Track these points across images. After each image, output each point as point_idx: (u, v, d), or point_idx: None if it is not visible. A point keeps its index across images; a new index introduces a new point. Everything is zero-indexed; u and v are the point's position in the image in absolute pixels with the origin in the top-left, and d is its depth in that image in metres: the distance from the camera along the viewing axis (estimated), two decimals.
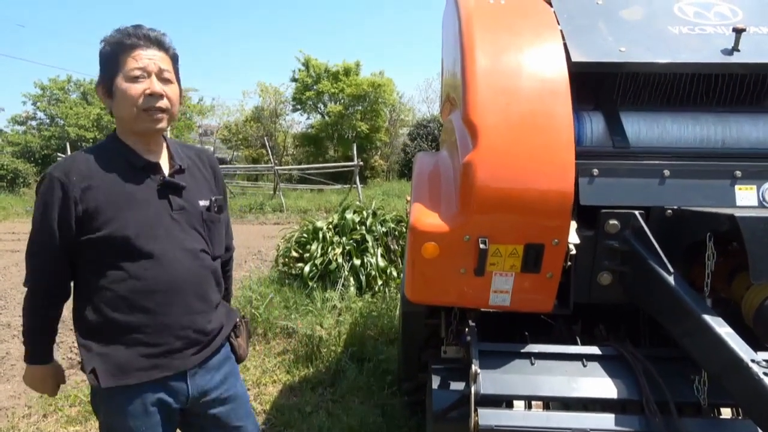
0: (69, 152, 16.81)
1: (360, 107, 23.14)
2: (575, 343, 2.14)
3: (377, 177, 23.32)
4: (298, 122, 27.55)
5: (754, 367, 1.51)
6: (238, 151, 26.13)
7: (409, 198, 7.03)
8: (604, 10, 2.23)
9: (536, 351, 1.99)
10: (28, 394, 3.68)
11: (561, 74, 1.92)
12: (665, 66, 2.04)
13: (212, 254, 1.76)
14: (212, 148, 23.03)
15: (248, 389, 3.57)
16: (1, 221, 13.77)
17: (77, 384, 3.81)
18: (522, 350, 2.00)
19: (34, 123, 22.62)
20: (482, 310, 2.26)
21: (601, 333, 2.43)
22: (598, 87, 2.23)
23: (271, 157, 17.61)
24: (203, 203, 1.73)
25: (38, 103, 22.41)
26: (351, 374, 3.65)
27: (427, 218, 1.94)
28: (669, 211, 1.94)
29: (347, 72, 23.15)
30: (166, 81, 1.62)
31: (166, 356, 1.62)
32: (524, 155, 1.83)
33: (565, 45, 2.04)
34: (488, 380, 1.90)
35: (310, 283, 4.92)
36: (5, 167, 19.38)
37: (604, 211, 1.95)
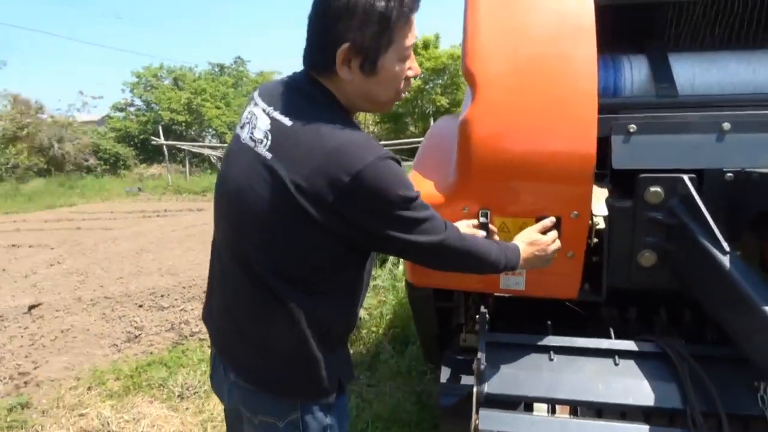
0: (161, 135, 17.74)
1: (440, 81, 22.61)
2: (612, 336, 1.79)
3: None
4: None
5: None
6: None
7: None
8: None
9: (557, 344, 1.67)
10: (80, 366, 3.81)
11: (586, 7, 1.56)
12: None
13: None
14: None
15: None
16: (104, 201, 14.76)
17: (127, 358, 3.90)
18: (540, 343, 1.69)
19: (132, 109, 24.10)
20: (508, 295, 1.96)
21: (662, 322, 2.05)
22: (646, 25, 1.83)
23: None
24: None
25: (135, 90, 23.83)
26: (390, 358, 3.45)
27: (422, 187, 1.67)
28: (729, 174, 1.54)
29: (426, 45, 22.60)
30: None
31: None
32: (534, 109, 1.50)
33: None
34: (496, 377, 1.62)
35: None
36: (107, 151, 20.86)
37: (643, 176, 1.58)
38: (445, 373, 1.87)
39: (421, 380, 3.22)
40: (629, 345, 1.64)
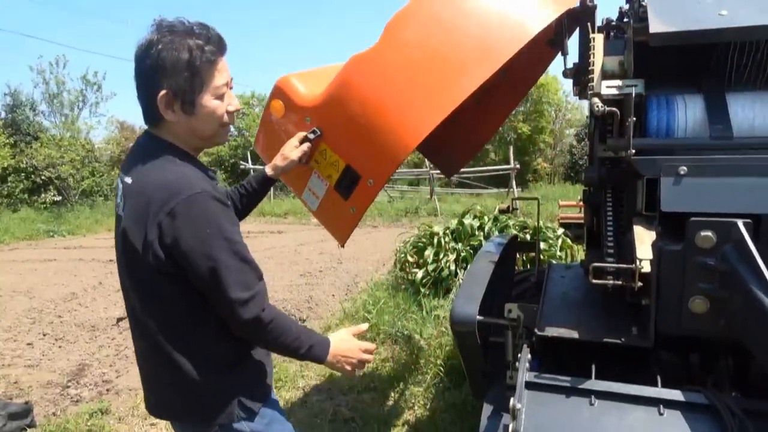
0: (249, 160, 18.69)
1: (522, 108, 22.37)
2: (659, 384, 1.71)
3: (540, 180, 22.30)
4: None
5: None
6: None
7: (561, 202, 6.48)
8: None
9: (599, 389, 1.63)
10: None
11: (512, 42, 1.65)
12: None
13: None
14: None
15: (344, 395, 3.55)
16: None
17: None
18: (582, 386, 1.65)
19: None
20: (552, 335, 1.93)
21: (728, 368, 1.94)
22: (705, 64, 1.78)
23: (426, 161, 17.78)
24: None
25: None
26: (446, 390, 3.43)
27: (299, 82, 1.94)
28: None
29: None
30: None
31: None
32: (403, 85, 1.69)
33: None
34: (532, 418, 1.60)
35: (422, 290, 4.76)
36: None
37: (694, 219, 1.53)
38: (486, 411, 1.87)
39: (476, 414, 3.18)
40: (675, 394, 1.57)
